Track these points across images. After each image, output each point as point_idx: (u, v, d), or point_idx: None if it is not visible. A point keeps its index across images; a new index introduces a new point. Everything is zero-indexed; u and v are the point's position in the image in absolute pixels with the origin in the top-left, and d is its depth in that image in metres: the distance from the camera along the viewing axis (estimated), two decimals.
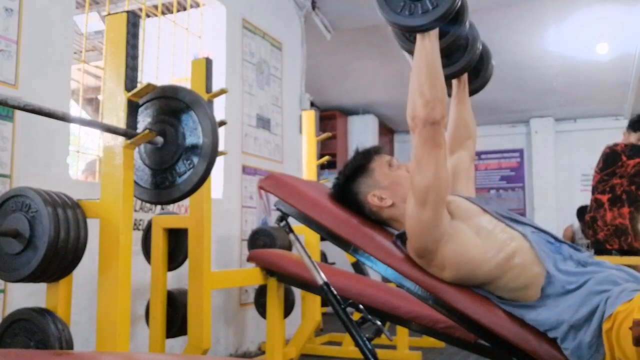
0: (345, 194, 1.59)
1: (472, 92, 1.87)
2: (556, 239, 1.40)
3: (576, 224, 6.43)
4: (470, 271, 1.34)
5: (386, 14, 1.35)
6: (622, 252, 3.65)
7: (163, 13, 3.64)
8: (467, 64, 1.73)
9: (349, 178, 1.58)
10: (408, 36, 1.59)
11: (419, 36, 1.37)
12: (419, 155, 1.34)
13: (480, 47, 1.76)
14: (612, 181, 3.76)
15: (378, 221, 1.56)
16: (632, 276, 1.27)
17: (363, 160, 1.58)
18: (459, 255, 1.34)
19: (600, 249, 3.76)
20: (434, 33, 1.36)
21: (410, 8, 1.33)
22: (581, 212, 5.95)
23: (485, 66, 1.87)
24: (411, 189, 1.36)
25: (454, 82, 1.79)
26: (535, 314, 1.28)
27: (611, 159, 3.78)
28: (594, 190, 3.87)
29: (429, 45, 1.35)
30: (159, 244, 2.44)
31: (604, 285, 1.22)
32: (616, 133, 4.15)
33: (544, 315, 1.27)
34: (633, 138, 3.81)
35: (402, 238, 1.44)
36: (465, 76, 1.79)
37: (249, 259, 2.98)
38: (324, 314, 3.65)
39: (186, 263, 2.43)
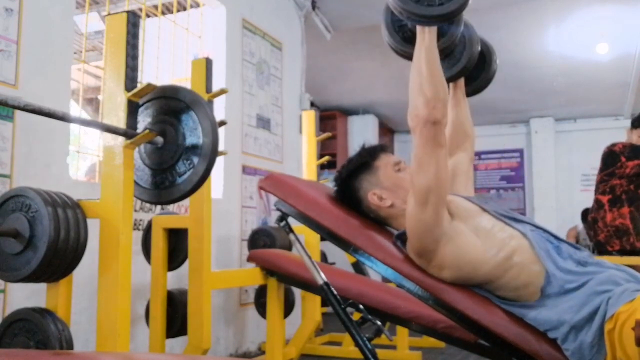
0: (346, 188, 1.58)
1: (472, 92, 1.85)
2: (555, 237, 1.39)
3: (580, 225, 6.40)
4: (469, 271, 1.34)
5: None
6: (624, 253, 3.63)
7: (163, 13, 3.64)
8: (463, 68, 1.71)
9: (351, 173, 1.58)
10: (398, 31, 1.57)
11: (419, 31, 1.36)
12: (419, 155, 1.33)
13: (477, 51, 1.74)
14: (612, 182, 3.76)
15: (375, 219, 1.56)
16: (633, 276, 1.26)
17: (368, 157, 1.58)
18: (459, 255, 1.33)
19: (601, 251, 3.75)
20: (434, 30, 1.36)
21: None
22: (585, 214, 5.93)
23: (487, 67, 1.85)
24: (412, 189, 1.36)
25: (450, 84, 1.78)
26: (535, 313, 1.28)
27: (610, 159, 3.76)
28: (596, 190, 3.87)
29: (428, 41, 1.35)
30: (159, 244, 2.44)
31: (605, 285, 1.22)
32: (616, 133, 4.16)
33: (544, 314, 1.26)
34: (635, 135, 3.78)
35: (401, 238, 1.44)
36: (461, 79, 1.79)
37: (249, 259, 2.98)
38: (324, 314, 3.65)
39: (186, 263, 2.43)
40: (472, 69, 1.81)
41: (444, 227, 1.34)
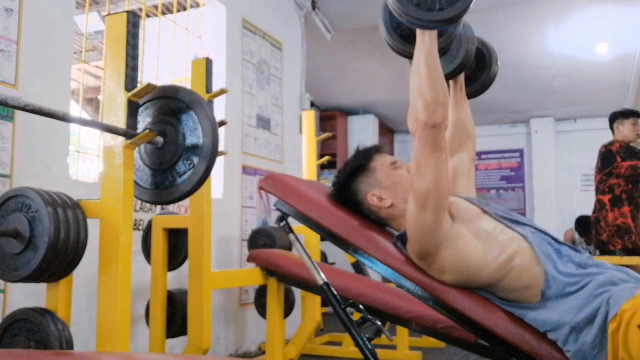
0: (345, 192, 1.58)
1: (473, 94, 1.84)
2: (556, 240, 1.38)
3: (576, 234, 6.32)
4: (470, 275, 1.33)
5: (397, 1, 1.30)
6: (627, 252, 3.67)
7: (163, 13, 3.64)
8: (459, 64, 1.70)
9: (349, 176, 1.57)
10: (396, 29, 1.56)
11: (419, 33, 1.35)
12: (419, 158, 1.32)
13: (474, 48, 1.74)
14: (610, 181, 3.80)
15: (376, 220, 1.56)
16: (632, 277, 1.26)
17: (363, 160, 1.57)
18: (459, 259, 1.33)
19: (603, 250, 3.79)
20: (434, 32, 1.35)
21: (418, 0, 1.30)
22: (580, 221, 5.90)
23: (487, 68, 1.85)
24: (412, 192, 1.35)
25: (450, 83, 1.77)
26: (535, 314, 1.28)
27: (607, 158, 3.83)
28: (597, 190, 3.90)
29: (428, 43, 1.33)
30: (159, 244, 2.44)
31: (605, 286, 1.21)
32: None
33: (544, 315, 1.26)
34: (626, 128, 3.92)
35: (402, 239, 1.43)
36: (461, 77, 1.77)
37: (249, 259, 2.98)
38: (324, 314, 3.65)
39: (186, 263, 2.43)
40: (472, 69, 1.80)
41: (445, 230, 1.33)
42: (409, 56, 1.43)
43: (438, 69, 1.34)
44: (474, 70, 1.81)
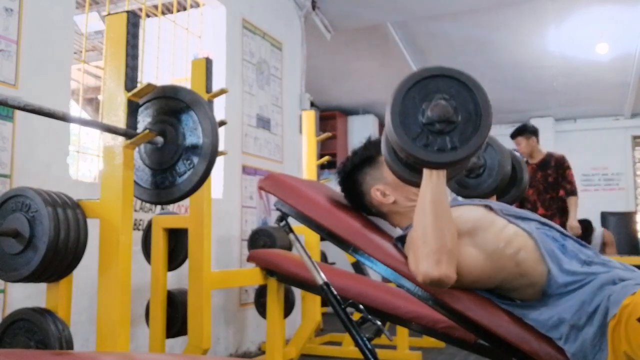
0: (349, 180, 1.58)
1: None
2: (562, 233, 1.37)
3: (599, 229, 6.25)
4: (473, 281, 1.32)
5: (401, 139, 1.18)
6: None
7: (163, 13, 3.64)
8: (495, 187, 1.68)
9: (356, 166, 1.57)
10: (403, 162, 1.35)
11: (426, 171, 1.25)
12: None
13: (510, 169, 1.71)
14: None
15: (377, 213, 1.56)
16: (638, 275, 1.26)
17: (373, 151, 1.57)
18: (460, 274, 1.29)
19: None
20: (443, 171, 1.25)
21: (427, 139, 1.19)
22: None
23: (517, 184, 1.85)
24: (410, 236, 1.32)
25: None
26: (537, 314, 1.27)
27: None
28: None
29: (436, 180, 1.23)
30: (159, 244, 2.44)
31: (606, 285, 1.21)
32: (616, 133, 4.20)
33: (545, 315, 1.25)
34: (533, 142, 4.64)
35: (402, 240, 1.43)
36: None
37: (249, 259, 2.98)
38: (324, 314, 3.65)
39: (186, 263, 2.43)
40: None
41: None
42: (413, 184, 1.33)
43: (445, 208, 1.23)
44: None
